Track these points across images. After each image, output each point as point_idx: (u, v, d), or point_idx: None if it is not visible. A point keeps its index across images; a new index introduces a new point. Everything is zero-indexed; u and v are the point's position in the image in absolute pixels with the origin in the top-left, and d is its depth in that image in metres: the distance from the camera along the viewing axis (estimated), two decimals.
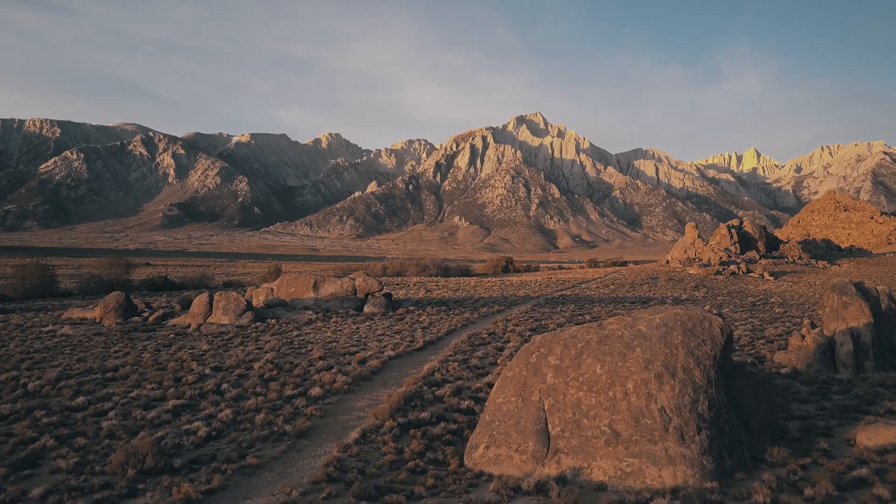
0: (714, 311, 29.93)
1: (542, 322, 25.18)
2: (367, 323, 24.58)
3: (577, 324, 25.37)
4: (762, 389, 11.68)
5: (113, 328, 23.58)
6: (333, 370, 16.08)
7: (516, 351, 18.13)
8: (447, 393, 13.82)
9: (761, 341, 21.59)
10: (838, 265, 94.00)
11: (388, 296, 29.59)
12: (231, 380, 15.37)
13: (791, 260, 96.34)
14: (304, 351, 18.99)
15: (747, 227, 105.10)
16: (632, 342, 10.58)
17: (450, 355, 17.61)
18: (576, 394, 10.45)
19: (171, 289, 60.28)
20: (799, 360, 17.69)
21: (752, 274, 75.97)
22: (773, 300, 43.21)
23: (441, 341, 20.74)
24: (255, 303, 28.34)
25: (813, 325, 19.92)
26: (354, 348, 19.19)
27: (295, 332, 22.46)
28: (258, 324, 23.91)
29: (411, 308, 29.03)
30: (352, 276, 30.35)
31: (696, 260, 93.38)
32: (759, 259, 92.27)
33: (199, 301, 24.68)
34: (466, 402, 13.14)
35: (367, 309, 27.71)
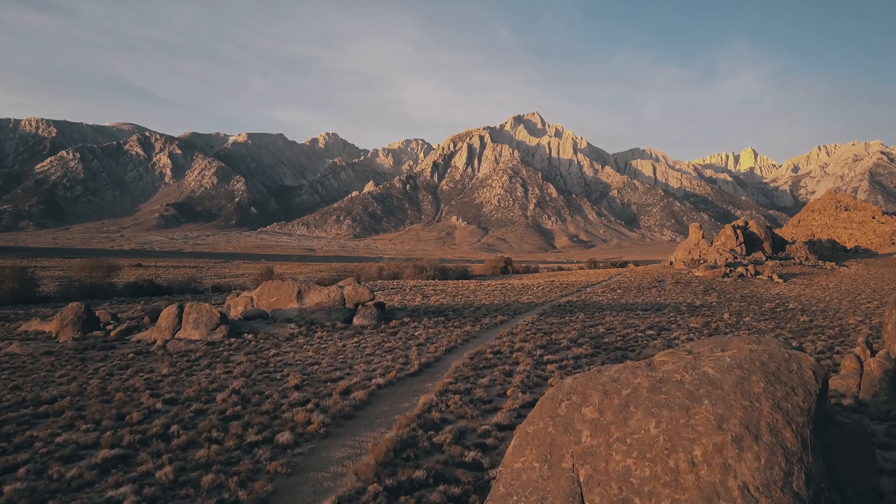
0: (733, 318, 27.13)
1: (553, 336, 22.47)
2: (355, 339, 21.83)
3: (591, 337, 22.73)
4: (858, 446, 9.03)
5: (68, 345, 20.84)
6: (310, 405, 13.37)
7: (527, 377, 15.44)
8: (447, 440, 11.11)
9: None
10: (847, 266, 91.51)
11: (380, 305, 26.85)
12: (185, 418, 12.65)
13: (798, 261, 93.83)
14: (278, 377, 16.25)
15: (753, 228, 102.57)
16: (696, 391, 7.91)
17: (449, 383, 14.90)
18: (622, 461, 7.76)
19: (156, 293, 57.58)
20: (863, 389, 15.04)
21: (760, 276, 73.38)
22: (791, 306, 40.64)
23: (439, 363, 18.02)
24: (232, 314, 25.59)
25: (869, 345, 17.33)
26: (338, 373, 16.46)
27: (272, 351, 19.71)
28: (232, 340, 21.15)
29: (406, 319, 26.27)
30: (340, 283, 27.63)
31: (701, 261, 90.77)
32: (766, 260, 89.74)
33: (168, 314, 21.90)
34: (472, 454, 10.43)
35: (356, 321, 24.94)
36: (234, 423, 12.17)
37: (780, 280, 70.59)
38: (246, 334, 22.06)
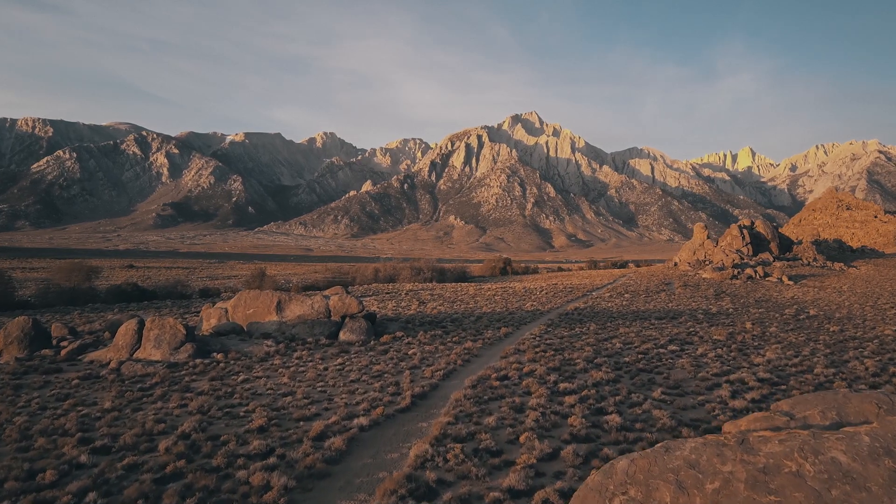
0: (757, 329, 24.23)
1: (566, 355, 19.76)
2: (339, 359, 19.07)
3: (608, 355, 20.03)
4: None
5: (7, 367, 18.06)
6: (273, 458, 10.61)
7: (542, 415, 12.70)
8: None
9: (862, 387, 16.22)
10: (856, 268, 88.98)
11: (370, 317, 24.05)
12: (111, 479, 9.90)
13: (806, 262, 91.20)
14: (242, 412, 13.50)
15: (759, 228, 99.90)
16: (827, 491, 5.20)
17: (448, 424, 12.17)
18: None
19: (140, 298, 54.79)
20: None
21: (769, 278, 70.74)
22: (812, 312, 37.98)
23: (436, 393, 15.27)
24: (204, 327, 22.82)
25: None
26: (314, 408, 13.71)
27: (241, 377, 16.93)
28: (198, 361, 18.37)
29: (399, 333, 23.48)
30: (326, 292, 24.85)
31: (707, 262, 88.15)
32: (774, 261, 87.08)
33: (126, 330, 19.15)
34: None
35: (342, 336, 22.17)
36: (170, 489, 9.44)
37: (791, 282, 67.97)
38: (215, 353, 19.29)
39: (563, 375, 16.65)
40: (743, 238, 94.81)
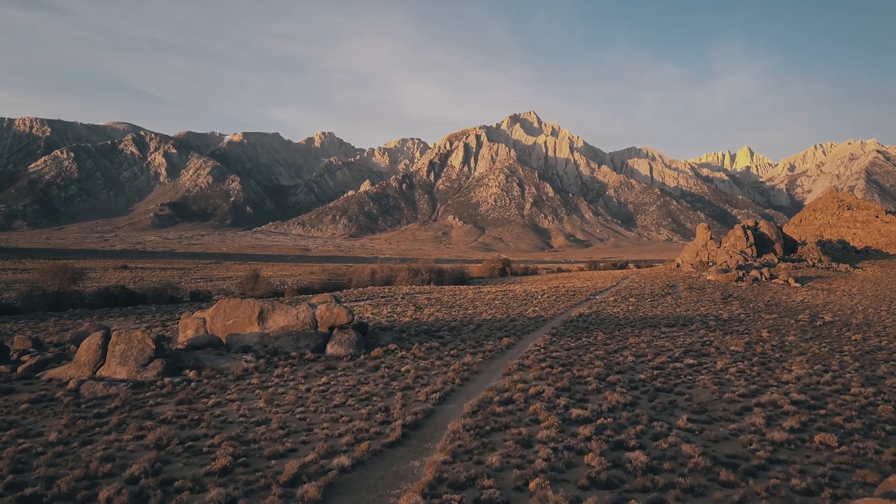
0: (775, 337, 22.38)
1: (574, 371, 17.95)
2: (324, 377, 17.20)
3: (620, 371, 18.31)
4: None
5: None
6: None
7: (555, 452, 10.84)
8: None
9: None
10: (861, 269, 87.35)
11: (360, 328, 22.20)
12: None
13: (811, 263, 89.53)
14: (206, 448, 11.65)
15: (763, 228, 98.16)
16: None
17: (444, 463, 10.36)
18: None
19: (127, 302, 52.91)
20: None
21: (775, 280, 69.05)
22: (827, 318, 36.23)
23: (431, 420, 13.43)
24: (180, 339, 20.98)
25: None
26: (289, 442, 11.87)
27: (212, 399, 15.07)
28: (167, 380, 16.50)
29: (392, 346, 21.59)
30: (313, 300, 23.01)
31: (711, 263, 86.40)
32: (778, 263, 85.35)
33: (89, 344, 17.31)
34: None
35: (330, 349, 20.34)
36: None
37: (798, 284, 66.25)
38: (188, 370, 17.44)
39: (575, 398, 14.85)
40: (747, 239, 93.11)
